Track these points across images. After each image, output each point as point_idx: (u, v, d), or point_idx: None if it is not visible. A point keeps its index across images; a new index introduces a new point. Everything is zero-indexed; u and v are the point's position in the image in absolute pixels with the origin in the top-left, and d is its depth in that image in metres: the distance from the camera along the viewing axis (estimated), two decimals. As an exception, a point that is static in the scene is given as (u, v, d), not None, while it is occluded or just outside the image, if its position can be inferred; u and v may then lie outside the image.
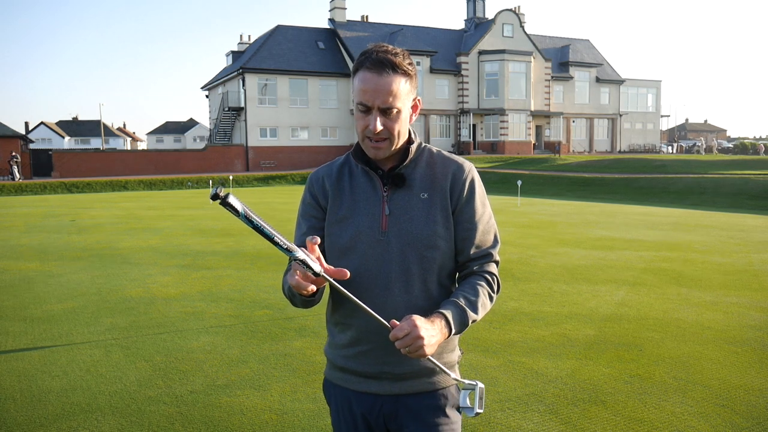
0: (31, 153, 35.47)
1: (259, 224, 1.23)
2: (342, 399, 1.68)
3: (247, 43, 48.75)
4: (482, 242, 1.66)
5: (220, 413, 3.60)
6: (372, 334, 1.58)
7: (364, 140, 1.58)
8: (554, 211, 16.44)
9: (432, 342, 1.44)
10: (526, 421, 3.45)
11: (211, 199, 1.18)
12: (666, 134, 69.13)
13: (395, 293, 1.59)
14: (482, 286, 1.64)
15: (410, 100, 1.60)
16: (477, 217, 1.65)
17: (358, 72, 1.55)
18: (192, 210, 17.35)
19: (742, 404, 3.65)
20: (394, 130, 1.56)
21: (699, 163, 29.85)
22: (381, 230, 1.60)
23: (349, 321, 1.64)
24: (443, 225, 1.61)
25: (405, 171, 1.64)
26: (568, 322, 5.41)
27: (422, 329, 1.42)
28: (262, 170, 38.16)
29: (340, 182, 1.68)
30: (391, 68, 1.52)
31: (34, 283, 7.37)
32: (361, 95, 1.53)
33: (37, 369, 4.37)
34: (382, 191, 1.63)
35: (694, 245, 9.99)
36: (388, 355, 1.58)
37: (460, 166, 1.66)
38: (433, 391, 1.64)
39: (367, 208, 1.62)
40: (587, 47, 53.55)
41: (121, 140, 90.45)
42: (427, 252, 1.60)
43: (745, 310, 5.83)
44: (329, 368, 1.74)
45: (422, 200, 1.61)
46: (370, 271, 1.59)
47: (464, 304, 1.57)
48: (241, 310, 5.94)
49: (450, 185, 1.63)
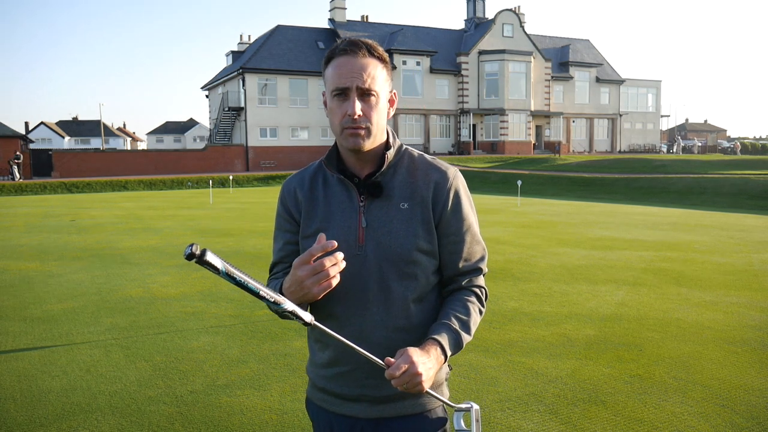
0: (31, 153, 35.45)
1: (242, 280, 1.18)
2: (323, 420, 1.60)
3: (247, 43, 48.74)
4: (470, 255, 1.56)
5: (220, 413, 3.60)
6: (349, 354, 1.46)
7: (342, 131, 1.46)
8: (554, 211, 16.44)
9: (430, 375, 1.37)
10: (526, 421, 3.45)
11: (186, 259, 1.10)
12: (666, 134, 69.13)
13: (373, 312, 1.48)
14: (473, 302, 1.55)
15: (387, 90, 1.51)
16: (464, 229, 1.54)
17: (331, 61, 1.46)
18: (192, 210, 17.35)
19: (742, 404, 3.64)
20: (372, 117, 1.46)
21: (699, 163, 29.85)
22: (357, 244, 1.49)
23: (327, 339, 1.53)
24: (424, 238, 1.49)
25: (383, 179, 1.51)
26: (568, 322, 5.41)
27: (419, 364, 1.33)
28: (262, 170, 38.15)
29: (314, 192, 1.56)
30: (366, 50, 1.45)
31: (34, 283, 7.37)
32: (337, 79, 1.43)
33: (37, 369, 4.37)
34: (358, 201, 1.51)
35: (694, 245, 9.99)
36: (368, 376, 1.49)
37: (443, 173, 1.54)
38: (417, 414, 1.53)
39: (342, 220, 1.51)
40: (587, 47, 53.54)
41: (121, 140, 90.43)
42: (406, 267, 1.48)
43: (745, 310, 5.83)
44: (310, 387, 1.65)
45: (402, 211, 1.50)
46: (347, 289, 1.47)
47: (458, 327, 1.48)
48: (241, 310, 5.94)
49: (432, 195, 1.51)
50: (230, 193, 24.91)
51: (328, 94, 1.49)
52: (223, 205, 19.11)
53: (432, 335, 1.45)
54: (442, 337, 1.44)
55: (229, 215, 15.54)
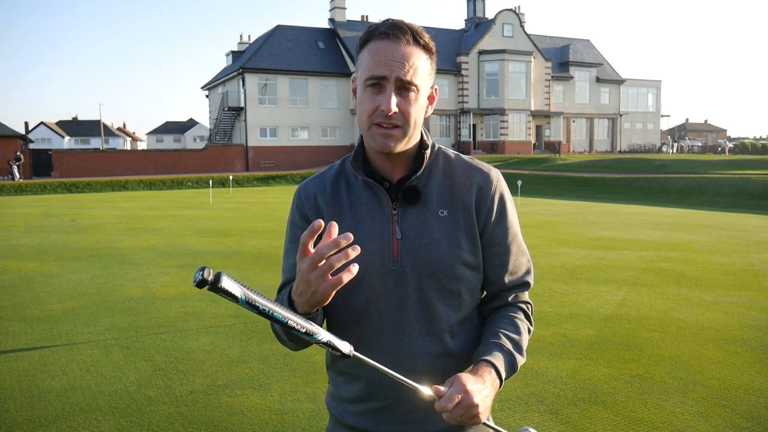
0: (31, 153, 35.45)
1: (266, 308, 1.01)
2: None
3: (247, 43, 48.75)
4: (516, 268, 1.38)
5: (220, 413, 3.60)
6: (386, 388, 1.29)
7: (371, 128, 1.25)
8: (554, 211, 16.44)
9: (487, 404, 1.17)
10: (526, 421, 3.45)
11: (197, 286, 0.93)
12: (666, 134, 69.15)
13: (414, 336, 1.29)
14: (521, 320, 1.37)
15: (429, 85, 1.29)
16: (510, 239, 1.36)
17: (368, 43, 1.25)
18: (192, 210, 17.35)
19: (742, 404, 3.64)
20: (410, 115, 1.24)
21: (699, 163, 29.85)
22: (392, 258, 1.29)
23: (357, 372, 1.33)
24: (469, 250, 1.31)
25: (418, 183, 1.32)
26: (568, 322, 5.40)
27: (475, 393, 1.13)
28: (262, 170, 38.15)
29: (337, 199, 1.35)
30: (411, 35, 1.23)
31: (34, 283, 7.36)
32: (373, 66, 1.22)
33: (37, 369, 4.37)
34: (390, 209, 1.31)
35: (694, 245, 9.99)
36: (408, 411, 1.31)
37: (486, 176, 1.36)
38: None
39: (373, 231, 1.30)
40: (587, 47, 53.54)
41: (121, 140, 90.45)
42: (449, 284, 1.30)
43: (745, 310, 5.83)
44: (334, 425, 1.43)
45: (441, 219, 1.31)
46: (382, 310, 1.30)
47: (511, 347, 1.29)
48: (241, 310, 5.94)
49: (476, 200, 1.33)
50: (230, 193, 24.90)
51: (359, 83, 1.27)
52: (223, 205, 19.11)
53: (484, 357, 1.25)
54: (496, 359, 1.25)
55: (229, 215, 15.54)
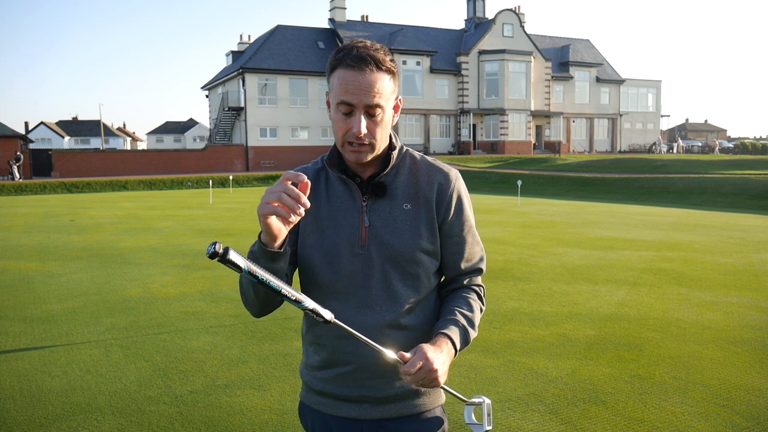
0: (30, 153, 35.46)
1: (264, 278, 1.20)
2: (320, 424, 1.58)
3: (247, 43, 48.75)
4: (471, 255, 1.59)
5: (220, 413, 3.60)
6: (350, 355, 1.49)
7: (344, 144, 1.46)
8: (554, 211, 16.44)
9: (445, 369, 1.40)
10: (526, 421, 3.45)
11: (209, 257, 1.11)
12: (666, 134, 69.13)
13: (377, 311, 1.49)
14: (474, 300, 1.59)
15: (393, 100, 1.49)
16: (466, 231, 1.57)
17: (336, 69, 1.42)
18: (192, 210, 17.35)
19: (742, 404, 3.64)
20: (377, 134, 1.45)
21: (699, 163, 29.85)
22: (360, 243, 1.49)
23: (323, 341, 1.53)
24: (427, 239, 1.51)
25: (386, 179, 1.52)
26: (568, 322, 5.40)
27: (435, 360, 1.36)
28: (262, 170, 38.16)
29: (316, 191, 1.56)
30: (374, 64, 1.40)
31: (34, 283, 7.36)
32: (343, 94, 1.41)
33: (37, 369, 4.37)
34: (361, 201, 1.51)
35: (694, 245, 9.99)
36: (368, 377, 1.50)
37: (446, 175, 1.56)
38: (417, 414, 1.54)
39: (345, 219, 1.51)
40: (587, 47, 53.54)
41: (121, 140, 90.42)
42: (409, 267, 1.50)
43: (745, 310, 5.83)
44: (305, 391, 1.63)
45: (405, 211, 1.51)
46: (350, 287, 1.49)
47: (464, 322, 1.51)
48: (241, 310, 5.94)
49: (436, 196, 1.53)
50: (230, 193, 24.91)
51: (332, 101, 1.46)
52: (223, 205, 19.11)
53: (441, 330, 1.47)
54: (452, 332, 1.47)
55: (229, 215, 15.54)
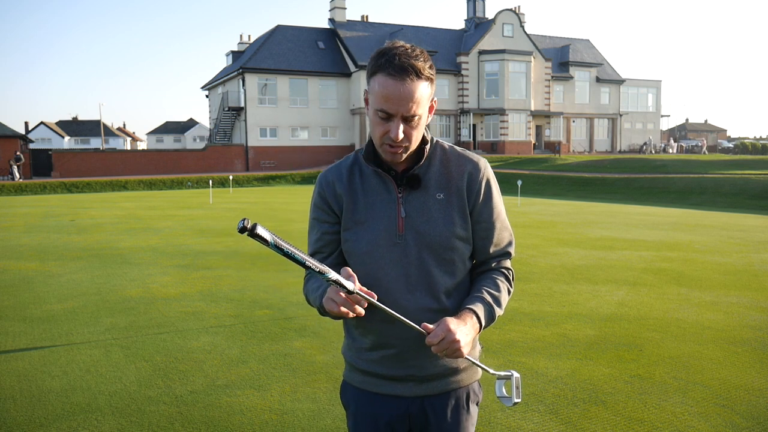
0: (30, 153, 35.45)
1: (289, 251, 1.27)
2: (364, 402, 1.67)
3: (247, 43, 48.74)
4: (500, 240, 1.67)
5: (220, 413, 3.60)
6: (395, 338, 1.59)
7: (382, 145, 1.54)
8: (554, 211, 16.44)
9: (468, 340, 1.48)
10: (526, 421, 3.45)
11: (239, 232, 1.20)
12: (666, 134, 69.13)
13: (417, 297, 1.58)
14: (502, 281, 1.66)
15: (429, 102, 1.56)
16: (495, 216, 1.65)
17: (377, 75, 1.49)
18: (192, 210, 17.35)
19: (742, 404, 3.64)
20: (413, 137, 1.54)
21: (699, 163, 29.85)
22: (398, 233, 1.58)
23: (370, 325, 1.62)
24: (461, 226, 1.60)
25: (419, 171, 1.61)
26: (568, 322, 5.40)
27: (457, 332, 1.45)
28: (262, 170, 38.16)
29: (352, 185, 1.64)
30: (415, 74, 1.47)
31: (34, 283, 7.36)
32: (383, 102, 1.48)
33: (37, 369, 4.37)
34: (396, 193, 1.60)
35: (694, 245, 9.99)
36: (414, 357, 1.60)
37: (475, 164, 1.64)
38: (457, 389, 1.67)
39: (382, 211, 1.60)
40: (587, 47, 53.53)
41: (121, 140, 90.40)
42: (445, 253, 1.59)
43: (745, 310, 5.83)
44: (350, 371, 1.72)
45: (438, 201, 1.60)
46: (390, 276, 1.58)
47: (490, 300, 1.60)
48: (241, 310, 5.94)
49: (466, 185, 1.62)
50: (230, 193, 24.91)
51: (371, 104, 1.53)
52: (223, 205, 19.11)
53: (467, 305, 1.57)
54: (477, 307, 1.56)
55: (229, 215, 15.54)
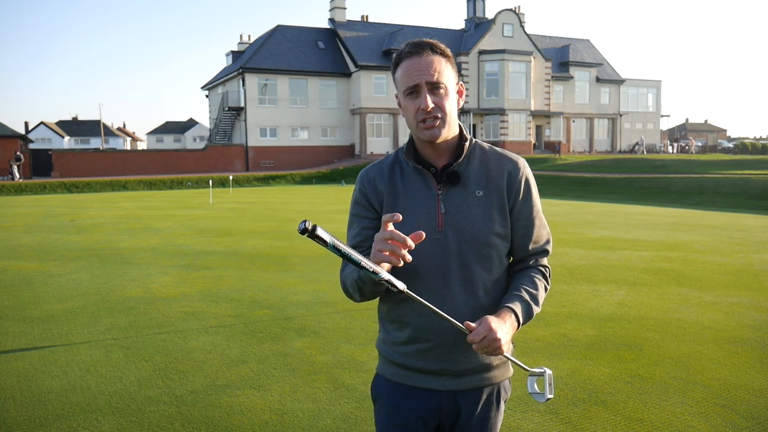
0: (31, 153, 35.45)
1: (346, 252, 1.30)
2: (396, 395, 1.70)
3: (247, 43, 48.73)
4: (539, 238, 1.71)
5: (220, 413, 3.60)
6: (430, 333, 1.61)
7: (417, 126, 1.58)
8: (554, 211, 16.44)
9: (507, 339, 1.51)
10: (526, 421, 3.45)
11: (300, 233, 1.23)
12: (666, 134, 69.13)
13: (455, 291, 1.60)
14: (540, 279, 1.69)
15: (454, 83, 1.62)
16: (534, 214, 1.69)
17: (398, 65, 1.59)
18: (192, 210, 17.35)
19: (742, 404, 3.64)
20: (445, 107, 1.57)
21: (699, 163, 29.84)
22: (437, 229, 1.61)
23: (406, 319, 1.65)
24: (500, 223, 1.63)
25: (459, 168, 1.64)
26: (568, 322, 5.40)
27: (498, 331, 1.47)
28: (262, 170, 38.15)
29: (393, 181, 1.67)
30: (429, 48, 1.56)
31: (34, 283, 7.36)
32: (406, 79, 1.56)
33: (37, 369, 4.37)
34: (436, 189, 1.63)
35: (694, 245, 9.99)
36: (448, 352, 1.62)
37: (515, 163, 1.68)
38: (489, 385, 1.69)
39: (422, 207, 1.63)
40: (587, 47, 53.52)
41: (121, 140, 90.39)
42: (484, 250, 1.61)
43: (745, 310, 5.83)
44: (384, 364, 1.74)
45: (478, 198, 1.63)
46: (430, 270, 1.60)
47: (528, 298, 1.62)
48: (241, 310, 5.94)
49: (506, 183, 1.65)
50: (230, 193, 24.91)
51: (400, 95, 1.61)
52: (223, 205, 19.11)
53: (506, 304, 1.59)
54: (515, 306, 1.58)
55: (229, 215, 15.54)
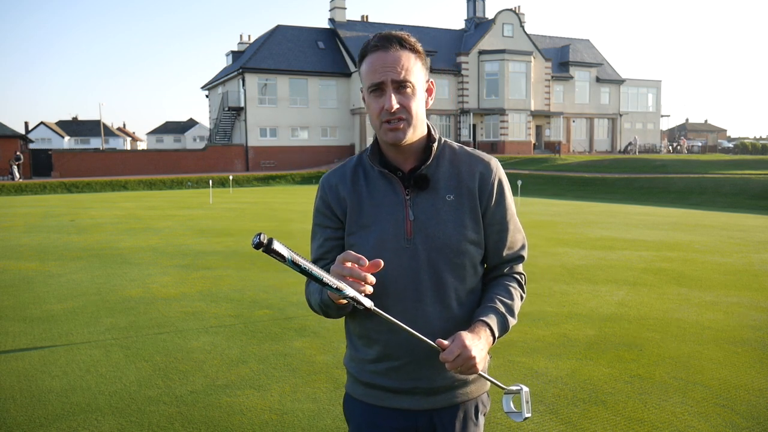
0: (31, 153, 35.45)
1: (307, 268, 1.21)
2: (368, 416, 1.58)
3: (247, 43, 48.73)
4: (513, 243, 1.59)
5: (220, 413, 3.60)
6: (401, 349, 1.50)
7: (381, 126, 1.46)
8: (554, 211, 16.44)
9: (483, 356, 1.41)
10: (526, 421, 3.45)
11: (254, 248, 1.15)
12: (666, 134, 69.14)
13: (427, 303, 1.49)
14: (515, 288, 1.58)
15: (423, 80, 1.50)
16: (508, 218, 1.57)
17: (364, 58, 1.47)
18: (192, 210, 17.35)
19: (742, 404, 3.64)
20: (411, 108, 1.45)
21: (699, 163, 29.85)
22: (406, 237, 1.48)
23: (375, 335, 1.53)
24: (473, 228, 1.51)
25: (428, 171, 1.51)
26: (568, 322, 5.40)
27: (473, 348, 1.36)
28: (262, 170, 38.15)
29: (356, 187, 1.54)
30: (397, 43, 1.44)
31: (34, 283, 7.36)
32: (371, 75, 1.44)
33: (37, 369, 4.37)
34: (404, 195, 1.51)
35: (694, 245, 9.98)
36: (421, 369, 1.51)
37: (487, 164, 1.56)
38: (466, 401, 1.59)
39: (389, 214, 1.50)
40: (587, 47, 53.52)
41: (121, 140, 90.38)
42: (456, 258, 1.49)
43: (745, 310, 5.83)
44: (352, 383, 1.63)
45: (448, 203, 1.50)
46: (398, 282, 1.48)
47: (504, 310, 1.51)
48: (241, 310, 5.94)
49: (478, 186, 1.53)
50: (230, 193, 24.91)
51: (365, 91, 1.48)
52: (223, 205, 19.11)
53: (480, 317, 1.47)
54: (490, 319, 1.47)
55: (229, 215, 15.54)
